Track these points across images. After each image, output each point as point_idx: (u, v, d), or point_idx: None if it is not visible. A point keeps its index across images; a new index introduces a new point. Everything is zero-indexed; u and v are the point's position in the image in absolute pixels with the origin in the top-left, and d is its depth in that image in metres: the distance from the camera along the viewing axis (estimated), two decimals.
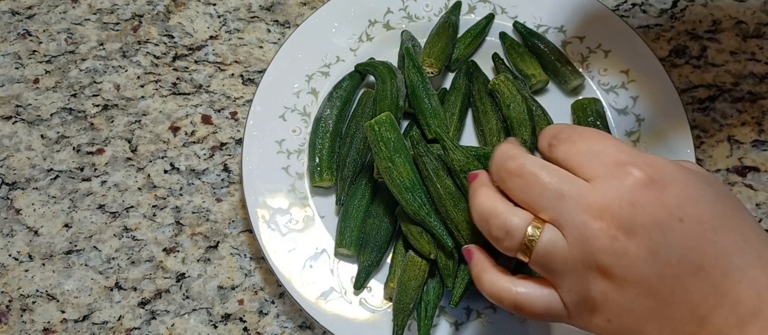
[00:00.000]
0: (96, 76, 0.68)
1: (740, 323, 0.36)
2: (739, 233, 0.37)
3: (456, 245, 0.53)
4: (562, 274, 0.39)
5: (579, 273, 0.38)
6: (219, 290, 0.60)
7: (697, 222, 0.37)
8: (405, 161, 0.54)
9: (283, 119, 0.62)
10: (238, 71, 0.68)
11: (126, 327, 0.58)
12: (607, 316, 0.39)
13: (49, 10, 0.71)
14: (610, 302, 0.38)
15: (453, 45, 0.65)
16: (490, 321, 0.56)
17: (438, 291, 0.55)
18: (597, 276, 0.38)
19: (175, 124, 0.66)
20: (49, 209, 0.62)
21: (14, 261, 0.60)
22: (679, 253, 0.37)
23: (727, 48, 0.69)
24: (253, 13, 0.71)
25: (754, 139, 0.66)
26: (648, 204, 0.37)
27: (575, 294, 0.39)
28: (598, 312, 0.39)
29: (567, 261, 0.38)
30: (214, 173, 0.64)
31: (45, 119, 0.66)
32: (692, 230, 0.37)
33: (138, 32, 0.70)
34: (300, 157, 0.61)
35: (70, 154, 0.65)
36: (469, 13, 0.68)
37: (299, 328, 0.59)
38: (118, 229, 0.62)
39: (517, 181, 0.40)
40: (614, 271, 0.37)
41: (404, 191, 0.54)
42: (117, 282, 0.60)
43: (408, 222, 0.55)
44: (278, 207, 0.59)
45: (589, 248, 0.38)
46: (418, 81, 0.60)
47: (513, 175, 0.41)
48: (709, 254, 0.37)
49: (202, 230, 0.62)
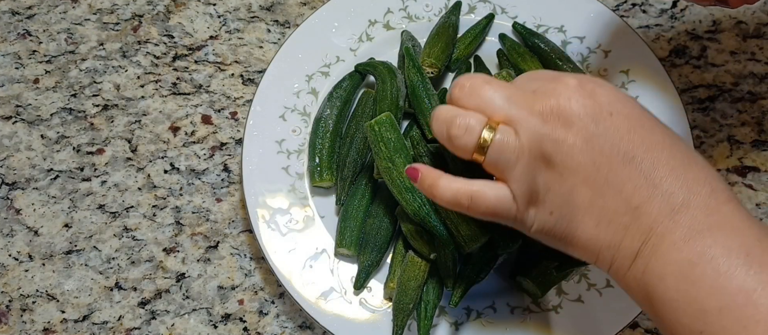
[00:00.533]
0: (96, 76, 0.68)
1: (672, 213, 0.39)
2: (665, 136, 0.42)
3: (456, 246, 0.53)
4: (513, 166, 0.43)
5: (527, 163, 0.42)
6: (219, 290, 0.60)
7: (626, 117, 0.41)
8: (405, 161, 0.54)
9: (283, 119, 0.62)
10: (238, 71, 0.68)
11: (126, 327, 0.58)
12: (550, 208, 0.43)
13: (49, 10, 0.71)
14: (552, 192, 0.42)
15: (453, 45, 0.65)
16: (490, 321, 0.56)
17: (438, 291, 0.55)
18: (541, 166, 0.42)
19: (175, 124, 0.66)
20: (49, 209, 0.62)
21: (14, 261, 0.60)
22: (611, 141, 0.41)
23: (727, 48, 0.69)
24: (253, 13, 0.71)
25: (754, 139, 0.66)
26: (582, 100, 0.42)
27: (523, 184, 0.43)
28: (541, 205, 0.43)
29: (516, 151, 0.42)
30: (214, 173, 0.64)
31: (45, 119, 0.66)
32: (623, 124, 0.41)
33: (138, 32, 0.70)
34: (300, 157, 0.61)
35: (70, 154, 0.65)
36: (469, 13, 0.68)
37: (299, 328, 0.59)
38: (118, 229, 0.62)
39: (470, 95, 0.44)
40: (555, 159, 0.42)
41: (404, 191, 0.54)
42: (117, 282, 0.60)
43: (408, 222, 0.55)
44: (278, 207, 0.59)
45: (535, 138, 0.42)
46: (418, 81, 0.60)
47: (466, 91, 0.45)
48: (639, 145, 0.41)
49: (202, 230, 0.62)
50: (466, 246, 0.52)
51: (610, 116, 0.41)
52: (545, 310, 0.56)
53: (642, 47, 0.64)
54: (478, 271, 0.54)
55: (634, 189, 0.40)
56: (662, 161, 0.40)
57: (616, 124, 0.41)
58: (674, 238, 0.39)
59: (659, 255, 0.39)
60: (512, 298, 0.57)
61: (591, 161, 0.41)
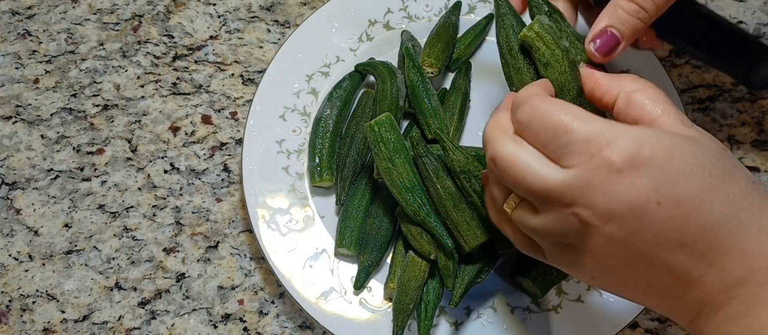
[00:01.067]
0: (96, 76, 0.68)
1: (727, 289, 0.37)
2: (727, 206, 0.37)
3: (456, 246, 0.53)
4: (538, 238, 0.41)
5: (552, 244, 0.40)
6: (219, 290, 0.60)
7: (677, 203, 0.36)
8: (405, 162, 0.54)
9: (283, 119, 0.62)
10: (238, 71, 0.68)
11: (126, 327, 0.58)
12: (589, 274, 0.40)
13: (49, 10, 0.71)
14: (587, 267, 0.40)
15: (453, 45, 0.65)
16: (490, 321, 0.56)
17: (438, 291, 0.55)
18: (570, 252, 0.40)
19: (175, 124, 0.66)
20: (49, 209, 0.62)
21: (14, 261, 0.60)
22: (658, 233, 0.37)
23: None
24: (253, 13, 0.71)
25: (754, 139, 0.66)
26: (623, 192, 0.37)
27: (553, 255, 0.41)
28: (577, 269, 0.41)
29: (539, 232, 0.41)
30: (214, 173, 0.64)
31: (45, 119, 0.66)
32: (671, 212, 0.36)
33: (138, 32, 0.70)
34: (300, 157, 0.61)
35: (70, 154, 0.65)
36: (469, 13, 0.68)
37: (299, 328, 0.59)
38: (118, 229, 0.62)
39: (501, 174, 0.41)
40: (593, 250, 0.38)
41: (404, 192, 0.54)
42: (117, 282, 0.60)
43: (408, 223, 0.55)
44: (278, 207, 0.59)
45: (567, 232, 0.39)
46: (418, 81, 0.60)
47: (496, 170, 0.41)
48: (691, 231, 0.37)
49: (202, 230, 0.62)
50: (466, 246, 0.52)
51: (657, 207, 0.36)
52: (545, 310, 0.56)
53: None
54: (478, 271, 0.54)
55: (683, 271, 0.37)
56: (720, 239, 0.37)
57: (664, 214, 0.36)
58: (729, 312, 0.37)
59: (714, 325, 0.37)
60: (512, 298, 0.57)
61: (633, 252, 0.38)
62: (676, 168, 0.37)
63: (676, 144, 0.37)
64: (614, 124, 0.38)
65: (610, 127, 0.38)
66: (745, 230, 0.37)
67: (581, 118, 0.38)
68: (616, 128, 0.38)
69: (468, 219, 0.51)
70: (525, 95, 0.42)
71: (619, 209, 0.37)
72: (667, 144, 0.37)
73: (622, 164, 0.36)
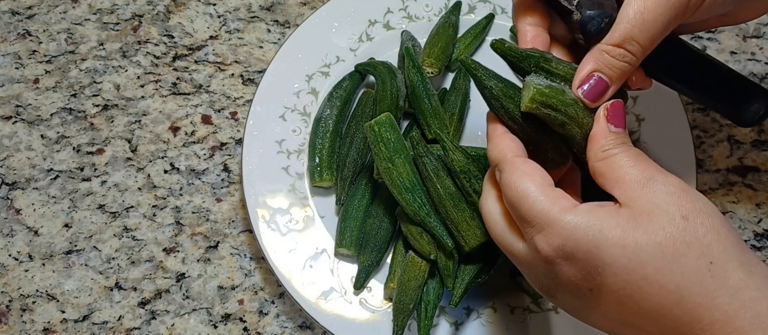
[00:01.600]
0: (96, 76, 0.68)
1: None
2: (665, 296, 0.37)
3: (456, 246, 0.53)
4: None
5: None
6: (219, 290, 0.60)
7: (608, 290, 0.38)
8: (405, 162, 0.54)
9: (283, 119, 0.62)
10: (238, 71, 0.68)
11: (126, 327, 0.58)
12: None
13: (49, 10, 0.71)
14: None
15: (453, 45, 0.65)
16: (490, 321, 0.56)
17: (438, 291, 0.55)
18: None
19: (175, 124, 0.66)
20: (49, 209, 0.62)
21: (14, 261, 0.60)
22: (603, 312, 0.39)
23: (727, 48, 0.69)
24: (253, 13, 0.71)
25: (754, 139, 0.66)
26: (558, 275, 0.40)
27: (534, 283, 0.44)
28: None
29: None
30: (214, 173, 0.64)
31: (45, 119, 0.66)
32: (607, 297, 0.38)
33: (138, 32, 0.70)
34: (300, 157, 0.61)
35: (70, 154, 0.65)
36: (469, 13, 0.68)
37: (299, 328, 0.59)
38: (118, 229, 0.62)
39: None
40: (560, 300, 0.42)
41: (404, 192, 0.54)
42: (117, 282, 0.60)
43: (408, 223, 0.55)
44: (278, 207, 0.59)
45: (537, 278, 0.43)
46: (418, 81, 0.60)
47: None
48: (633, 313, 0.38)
49: (202, 230, 0.62)
50: (466, 246, 0.52)
51: (590, 293, 0.39)
52: (545, 310, 0.56)
53: None
54: (478, 271, 0.54)
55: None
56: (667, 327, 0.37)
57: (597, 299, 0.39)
58: None
59: None
60: (512, 298, 0.57)
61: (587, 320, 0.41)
62: (602, 260, 0.38)
63: (604, 236, 0.38)
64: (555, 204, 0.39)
65: (548, 211, 0.39)
66: (693, 321, 0.36)
67: (529, 197, 0.40)
68: (553, 213, 0.39)
69: (468, 219, 0.51)
70: (497, 155, 0.44)
71: (558, 291, 0.41)
72: (592, 236, 0.38)
73: (551, 253, 0.39)
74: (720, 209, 0.62)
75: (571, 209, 0.39)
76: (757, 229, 0.62)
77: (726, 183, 0.64)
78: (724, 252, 0.37)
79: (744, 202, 0.63)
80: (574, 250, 0.38)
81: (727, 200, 0.63)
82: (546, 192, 0.40)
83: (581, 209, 0.39)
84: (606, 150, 0.41)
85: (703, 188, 0.63)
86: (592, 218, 0.38)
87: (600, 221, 0.38)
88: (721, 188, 0.64)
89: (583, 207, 0.39)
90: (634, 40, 0.42)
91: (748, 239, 0.62)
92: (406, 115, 0.62)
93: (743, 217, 0.63)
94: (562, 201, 0.40)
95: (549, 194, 0.40)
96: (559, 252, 0.39)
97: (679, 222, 0.37)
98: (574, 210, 0.39)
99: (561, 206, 0.39)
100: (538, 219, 0.39)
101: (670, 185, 0.39)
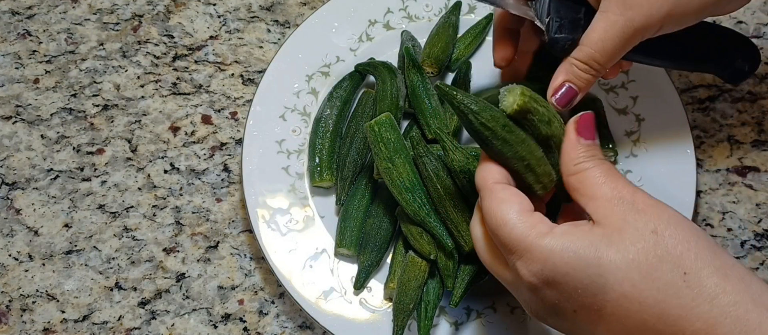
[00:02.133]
0: (96, 76, 0.68)
1: None
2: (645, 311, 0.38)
3: (456, 246, 0.53)
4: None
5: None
6: (219, 290, 0.60)
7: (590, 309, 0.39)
8: (405, 162, 0.54)
9: (283, 119, 0.62)
10: (238, 71, 0.68)
11: (126, 327, 0.58)
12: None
13: (49, 10, 0.71)
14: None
15: (453, 45, 0.65)
16: (490, 321, 0.56)
17: (438, 291, 0.55)
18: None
19: (175, 124, 0.66)
20: (49, 209, 0.62)
21: (14, 261, 0.60)
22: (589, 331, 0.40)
23: None
24: (253, 13, 0.71)
25: (754, 139, 0.66)
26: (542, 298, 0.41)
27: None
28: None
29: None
30: (214, 173, 0.64)
31: (45, 119, 0.66)
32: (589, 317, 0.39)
33: (138, 32, 0.70)
34: (300, 157, 0.61)
35: (70, 154, 0.65)
36: (469, 13, 0.68)
37: (299, 328, 0.59)
38: (118, 229, 0.62)
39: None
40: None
41: (404, 192, 0.54)
42: (117, 282, 0.60)
43: (408, 223, 0.55)
44: (278, 207, 0.59)
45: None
46: (418, 81, 0.60)
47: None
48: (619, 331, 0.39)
49: (202, 230, 0.62)
50: (466, 246, 0.52)
51: (574, 314, 0.40)
52: None
53: None
54: (478, 271, 0.54)
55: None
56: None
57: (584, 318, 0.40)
58: None
59: None
60: (512, 298, 0.57)
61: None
62: (580, 281, 0.38)
63: (579, 257, 0.38)
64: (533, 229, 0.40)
65: (526, 236, 0.40)
66: (677, 334, 0.37)
67: (507, 224, 0.41)
68: (531, 238, 0.40)
69: (468, 219, 0.51)
70: (478, 182, 0.44)
71: (547, 315, 0.41)
72: (568, 258, 0.39)
73: (532, 279, 0.40)
74: (720, 209, 0.62)
75: (548, 233, 0.40)
76: (757, 229, 0.62)
77: (726, 183, 0.64)
78: (697, 260, 0.37)
79: (744, 202, 0.63)
80: (553, 273, 0.39)
81: (727, 200, 0.63)
82: (524, 218, 0.41)
83: (557, 232, 0.40)
84: (577, 164, 0.42)
85: (703, 188, 0.63)
86: (566, 240, 0.39)
87: (574, 242, 0.39)
88: (721, 188, 0.64)
89: (559, 229, 0.40)
90: (596, 61, 0.48)
91: (748, 239, 0.62)
92: (406, 115, 0.62)
93: (743, 217, 0.63)
94: (539, 226, 0.40)
95: (527, 220, 0.41)
96: (540, 277, 0.39)
97: (649, 237, 0.38)
98: (551, 234, 0.40)
99: (538, 232, 0.40)
100: (517, 246, 0.40)
101: (638, 202, 0.39)
